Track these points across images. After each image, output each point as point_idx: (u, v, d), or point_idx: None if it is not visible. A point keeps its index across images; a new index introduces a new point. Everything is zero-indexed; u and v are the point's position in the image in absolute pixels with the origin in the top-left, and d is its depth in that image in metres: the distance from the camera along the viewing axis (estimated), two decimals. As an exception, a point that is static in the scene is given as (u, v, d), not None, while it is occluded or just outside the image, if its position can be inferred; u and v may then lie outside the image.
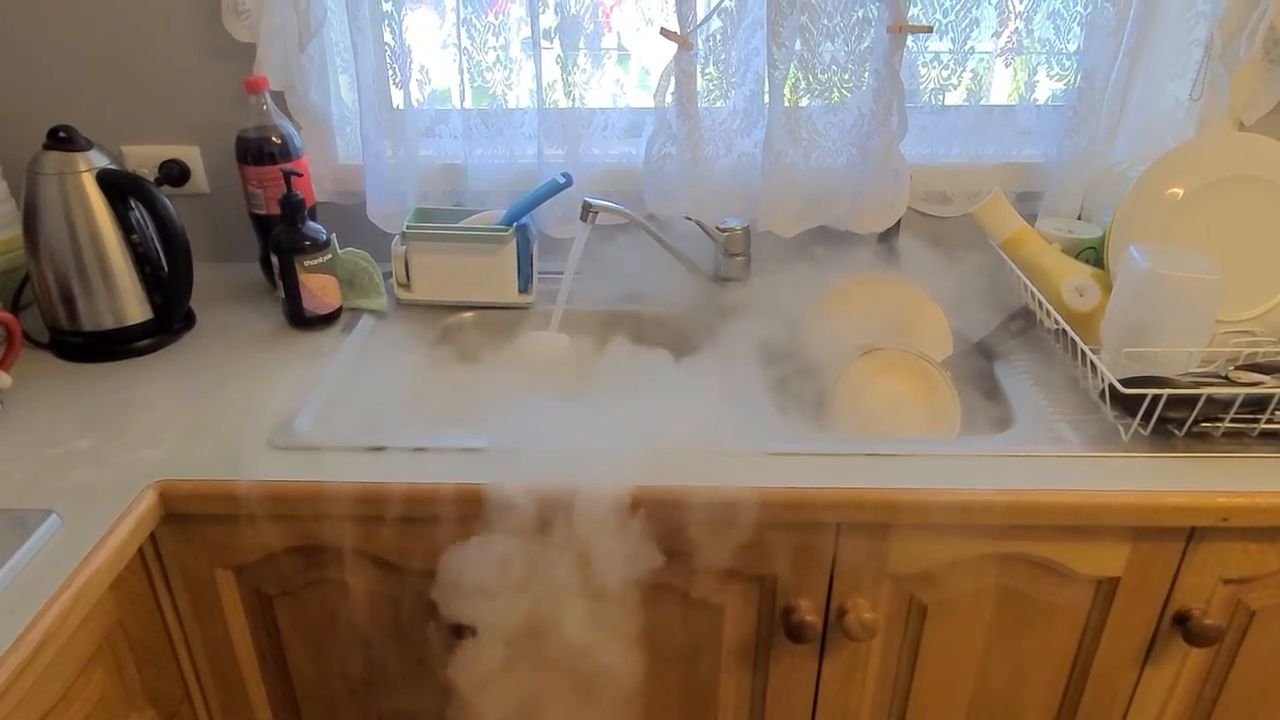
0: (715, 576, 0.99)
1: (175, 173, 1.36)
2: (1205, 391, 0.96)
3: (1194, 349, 1.02)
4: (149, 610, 0.96)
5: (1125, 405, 0.99)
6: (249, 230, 1.32)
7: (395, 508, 0.94)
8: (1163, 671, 1.04)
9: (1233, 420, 0.98)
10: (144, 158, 1.36)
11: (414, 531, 0.96)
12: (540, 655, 1.02)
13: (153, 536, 0.95)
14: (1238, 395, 0.96)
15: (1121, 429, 1.00)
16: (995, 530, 0.95)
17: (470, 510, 0.93)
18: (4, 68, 1.32)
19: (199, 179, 1.39)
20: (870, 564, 0.98)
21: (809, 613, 0.99)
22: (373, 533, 0.96)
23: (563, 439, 0.99)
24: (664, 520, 0.92)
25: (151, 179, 1.33)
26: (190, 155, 1.37)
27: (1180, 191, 1.13)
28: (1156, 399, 0.96)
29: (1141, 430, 0.99)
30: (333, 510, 0.94)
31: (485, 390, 1.19)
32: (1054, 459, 0.98)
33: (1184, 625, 0.99)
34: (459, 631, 1.00)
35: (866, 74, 1.27)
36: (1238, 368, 1.03)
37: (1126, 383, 0.97)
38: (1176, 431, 0.99)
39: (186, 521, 0.95)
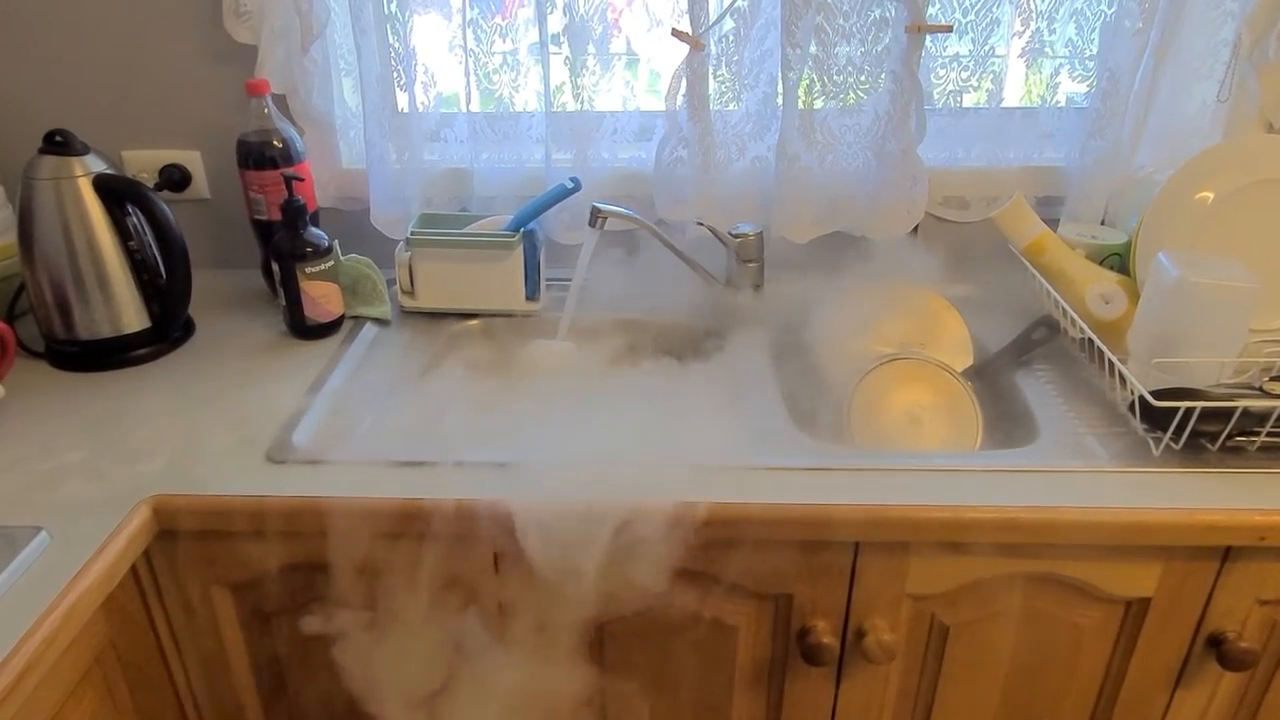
0: (728, 596, 0.96)
1: (176, 178, 1.34)
2: (1240, 404, 0.92)
3: (1226, 359, 0.99)
4: (142, 630, 0.93)
5: (1156, 418, 0.95)
6: (250, 236, 1.29)
7: (397, 524, 0.91)
8: (1195, 696, 1.00)
9: (1269, 434, 0.94)
10: (144, 162, 1.34)
11: (416, 548, 0.92)
12: (547, 674, 0.99)
13: (146, 553, 0.92)
14: (1274, 408, 0.92)
15: (1152, 443, 0.97)
16: (1020, 549, 0.92)
17: (474, 526, 0.90)
18: (2, 71, 1.29)
19: (200, 184, 1.36)
20: (889, 584, 0.94)
21: (826, 634, 0.95)
22: (374, 549, 0.93)
23: (570, 453, 0.95)
24: (674, 537, 0.89)
25: (152, 184, 1.31)
26: (191, 160, 1.35)
27: (1210, 196, 1.09)
28: (1189, 412, 0.92)
29: (1173, 444, 0.95)
30: (333, 526, 0.91)
31: (491, 401, 1.15)
32: (1081, 474, 0.94)
33: (1218, 648, 0.95)
34: (463, 651, 0.97)
35: (883, 75, 1.23)
36: (1272, 379, 0.99)
37: (1158, 394, 0.93)
38: (1210, 446, 0.95)
39: (181, 538, 0.92)
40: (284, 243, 1.16)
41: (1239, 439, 0.95)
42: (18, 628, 0.75)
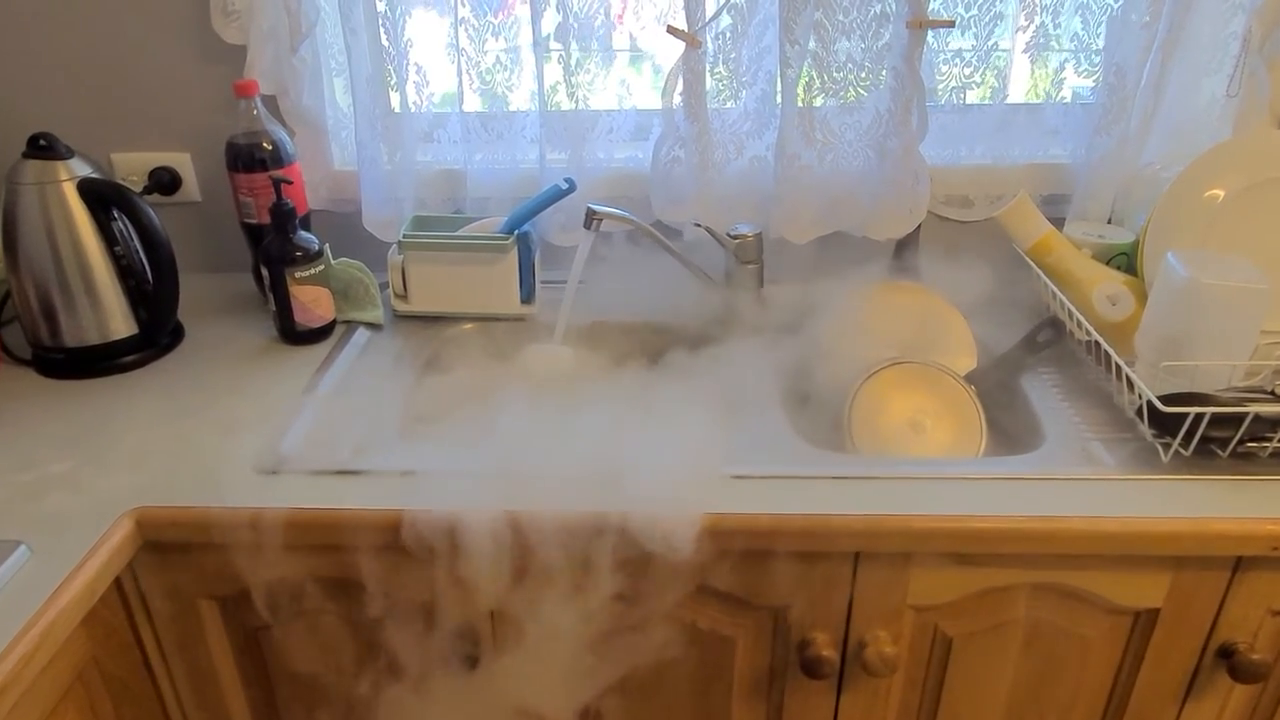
0: (725, 607, 0.94)
1: (166, 181, 1.32)
2: (1252, 409, 0.90)
3: (1237, 363, 0.96)
4: (126, 645, 0.91)
5: (1164, 424, 0.92)
6: (242, 240, 1.27)
7: (387, 535, 0.88)
8: (1205, 708, 0.98)
9: (1281, 440, 0.91)
10: (133, 166, 1.32)
11: (406, 559, 0.90)
12: (540, 686, 0.97)
13: (131, 567, 0.90)
14: (1287, 413, 0.90)
15: (1160, 449, 0.94)
16: (1025, 559, 0.89)
17: (465, 538, 0.88)
18: (-11, 74, 1.28)
19: (190, 187, 1.34)
20: (891, 594, 0.92)
21: (826, 646, 0.93)
22: (363, 561, 0.91)
23: (563, 461, 0.93)
24: (670, 548, 0.86)
25: (141, 187, 1.29)
26: (181, 162, 1.33)
27: (1220, 194, 1.07)
28: (1199, 417, 0.89)
29: (1182, 451, 0.92)
30: (321, 538, 0.89)
31: (485, 408, 1.13)
32: (1087, 482, 0.91)
33: (1229, 659, 0.93)
34: (453, 663, 0.95)
35: (884, 72, 1.21)
36: (1285, 382, 0.97)
37: (1166, 400, 0.91)
38: (1220, 452, 0.93)
39: (166, 550, 0.91)
40: (273, 247, 1.14)
41: (1250, 445, 0.92)
42: (-6, 646, 0.73)
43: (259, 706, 1.02)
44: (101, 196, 1.09)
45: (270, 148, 1.20)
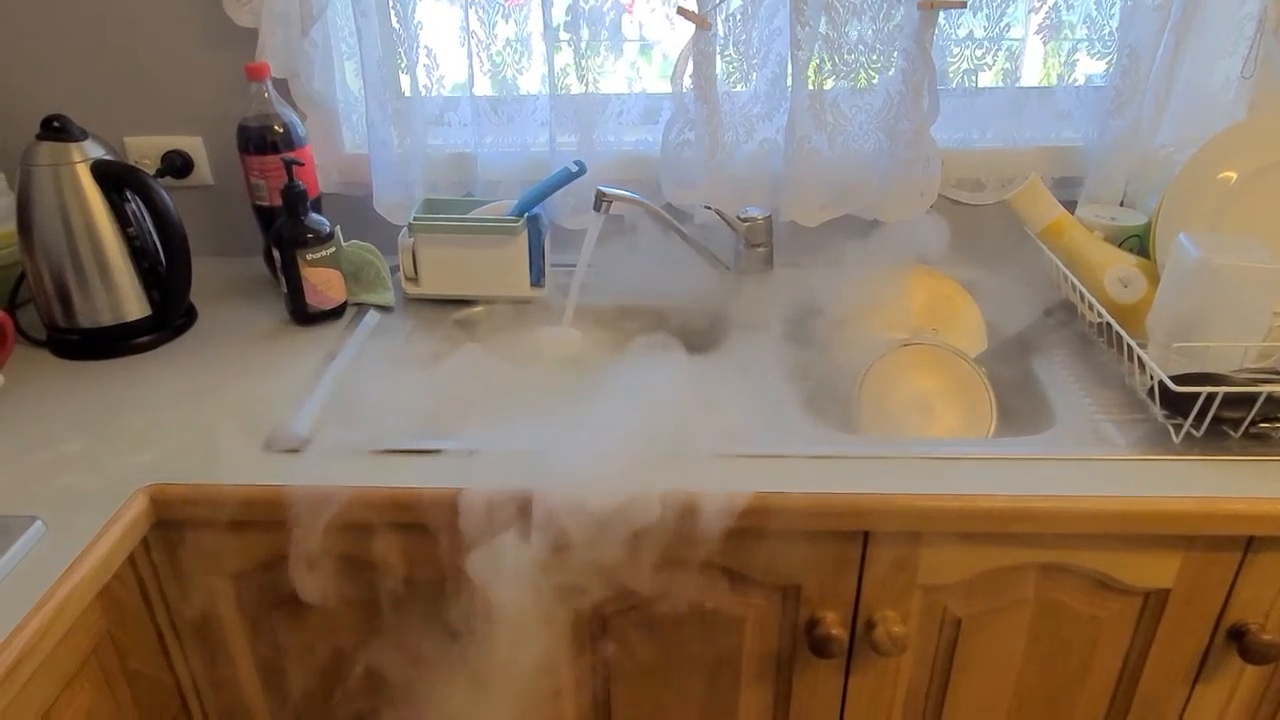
0: (734, 587, 0.94)
1: (178, 164, 1.33)
2: (1264, 390, 0.89)
3: (1249, 343, 0.96)
4: (140, 621, 0.92)
5: (1176, 404, 0.92)
6: (254, 223, 1.28)
7: (397, 513, 0.89)
8: (1216, 689, 0.98)
9: (1294, 421, 0.91)
10: (146, 149, 1.33)
11: (417, 538, 0.91)
12: (551, 666, 0.98)
13: (145, 543, 0.90)
14: (1300, 394, 0.89)
15: (1172, 430, 0.94)
16: (1035, 539, 0.89)
17: (477, 516, 0.88)
18: (3, 58, 1.28)
19: (203, 170, 1.35)
20: (900, 574, 0.92)
21: (835, 626, 0.93)
22: (374, 539, 0.91)
23: (573, 441, 0.94)
24: (679, 527, 0.87)
25: (154, 170, 1.30)
26: (193, 146, 1.34)
27: (1233, 175, 1.06)
28: (1210, 398, 0.89)
29: (1194, 431, 0.92)
30: (332, 516, 0.90)
31: (495, 389, 1.14)
32: (1098, 462, 0.91)
33: (1240, 640, 0.92)
34: (465, 641, 0.96)
35: (895, 54, 1.20)
36: (1297, 364, 0.96)
37: (1178, 380, 0.90)
38: (1232, 432, 0.93)
39: (179, 528, 0.91)
40: (285, 229, 1.14)
41: (1262, 425, 0.92)
42: (11, 619, 0.74)
43: (271, 681, 1.03)
44: (115, 178, 1.09)
45: (281, 130, 1.20)
